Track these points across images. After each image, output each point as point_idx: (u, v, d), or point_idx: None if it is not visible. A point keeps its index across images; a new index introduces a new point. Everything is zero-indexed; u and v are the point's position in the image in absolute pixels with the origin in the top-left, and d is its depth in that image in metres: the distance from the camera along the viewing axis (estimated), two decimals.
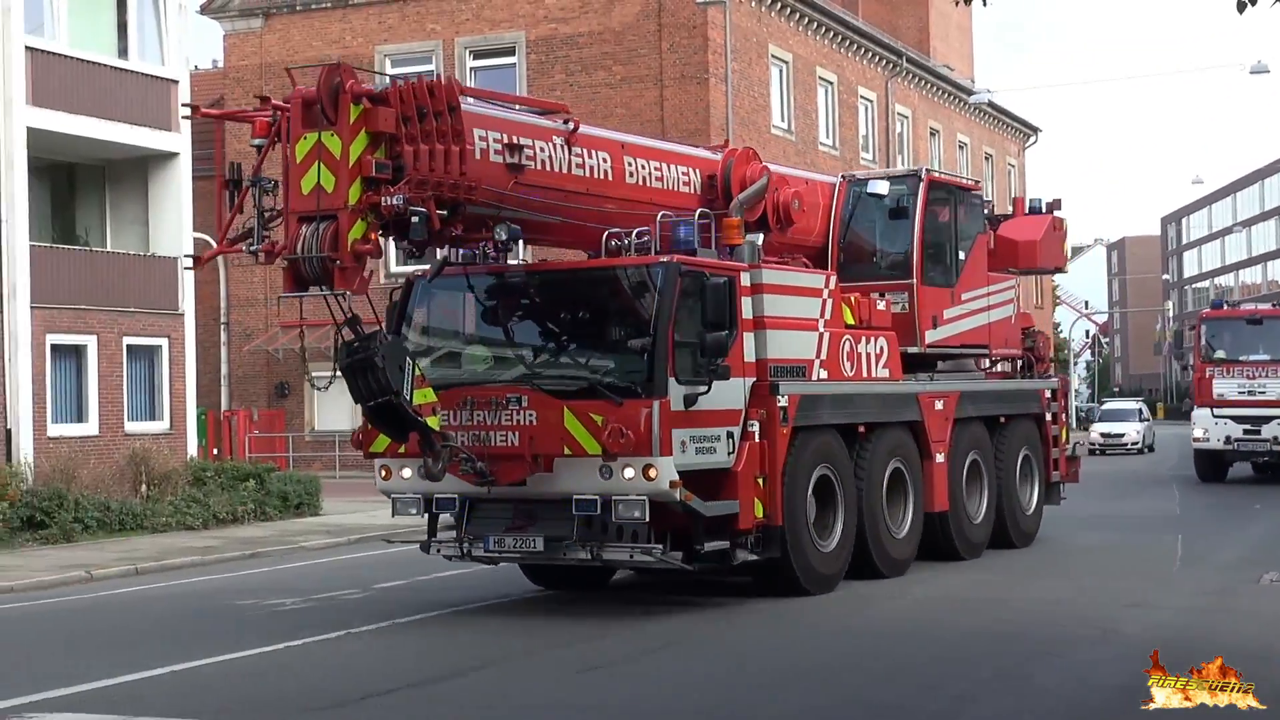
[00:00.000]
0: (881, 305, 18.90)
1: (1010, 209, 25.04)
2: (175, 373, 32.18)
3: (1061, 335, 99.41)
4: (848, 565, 17.38)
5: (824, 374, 17.45)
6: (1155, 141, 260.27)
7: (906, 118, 60.19)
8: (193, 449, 32.83)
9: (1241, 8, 9.67)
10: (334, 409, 43.62)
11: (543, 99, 33.51)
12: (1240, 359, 36.56)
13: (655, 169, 17.07)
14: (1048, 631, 14.41)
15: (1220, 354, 36.85)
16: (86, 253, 31.86)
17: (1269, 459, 36.53)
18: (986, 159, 70.03)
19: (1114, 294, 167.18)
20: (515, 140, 15.06)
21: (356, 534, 25.76)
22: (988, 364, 22.29)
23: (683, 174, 17.49)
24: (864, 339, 18.36)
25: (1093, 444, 54.96)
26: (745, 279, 16.38)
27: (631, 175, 16.68)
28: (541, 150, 15.45)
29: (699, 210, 16.65)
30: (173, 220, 32.47)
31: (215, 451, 41.48)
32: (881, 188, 20.25)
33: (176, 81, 33.13)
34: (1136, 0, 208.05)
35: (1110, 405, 68.54)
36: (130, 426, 30.96)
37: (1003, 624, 15.04)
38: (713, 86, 44.99)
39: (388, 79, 15.30)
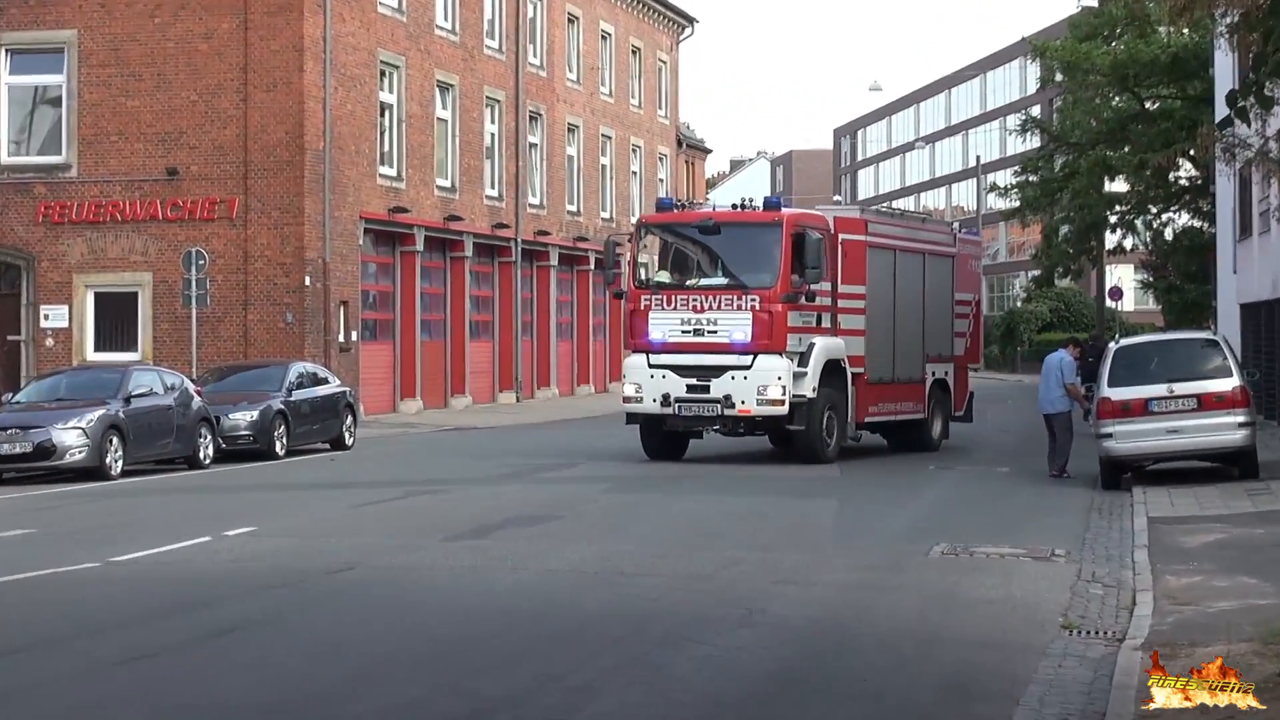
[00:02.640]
0: None
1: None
2: None
3: None
4: None
5: None
6: (829, 43, 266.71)
7: (539, 3, 60.71)
8: None
9: None
10: None
11: None
12: (687, 284, 31.33)
13: None
14: (687, 612, 14.78)
15: (662, 277, 31.76)
16: None
17: (722, 428, 31.49)
18: (634, 53, 71.32)
19: None
20: None
21: None
22: None
23: None
24: None
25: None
26: None
27: None
28: None
29: None
30: None
31: None
32: None
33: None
34: None
35: None
36: None
37: (636, 602, 15.37)
38: None
39: None
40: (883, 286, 33.14)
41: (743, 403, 29.89)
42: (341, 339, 46.45)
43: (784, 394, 29.81)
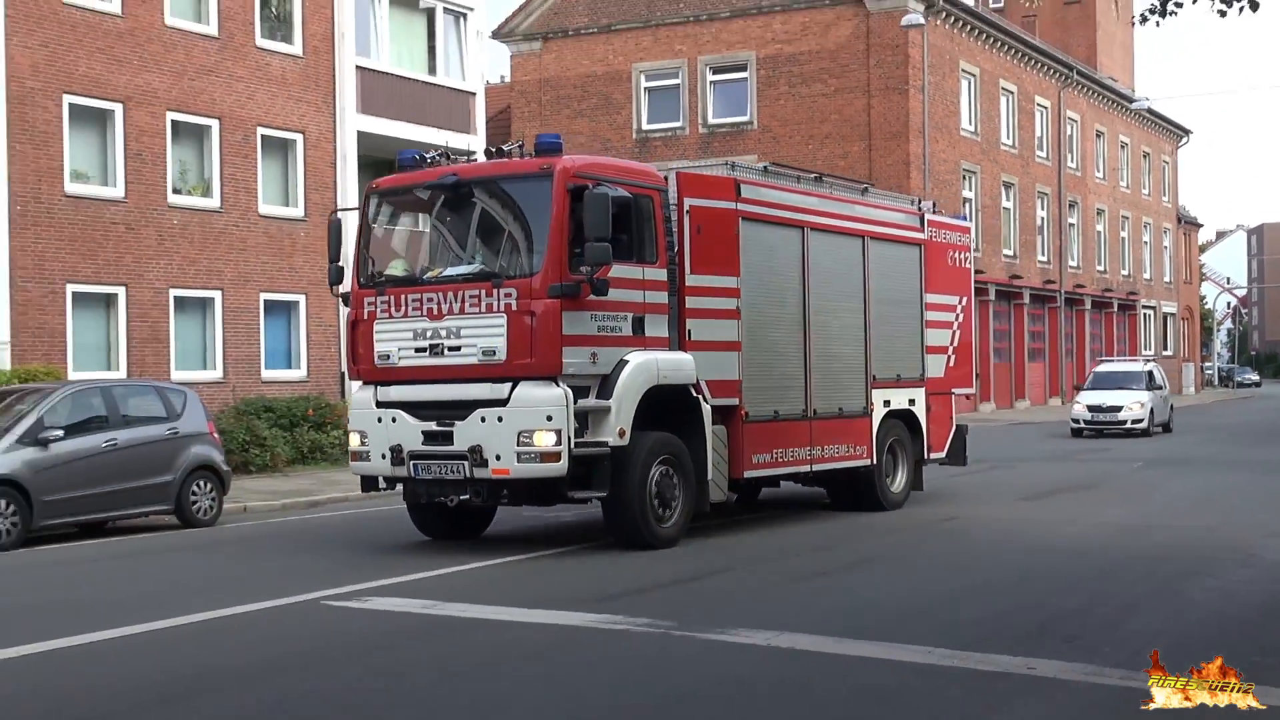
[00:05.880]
0: None
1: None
2: None
3: (1207, 306, 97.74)
4: None
5: None
6: None
7: (1076, 121, 59.27)
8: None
9: None
10: None
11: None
12: (425, 278, 14.91)
13: None
14: (1196, 555, 13.96)
15: (395, 268, 15.40)
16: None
17: (474, 496, 14.48)
18: (1144, 157, 68.58)
19: (1253, 272, 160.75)
20: None
21: None
22: None
23: None
24: None
25: (1075, 420, 37.60)
26: None
27: None
28: None
29: None
30: None
31: None
32: None
33: (474, 94, 34.00)
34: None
35: (1107, 366, 41.19)
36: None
37: (1158, 548, 14.55)
38: (912, 96, 44.95)
39: None
40: (776, 278, 16.77)
41: (498, 458, 13.95)
42: None
43: (559, 442, 13.79)
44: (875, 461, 18.04)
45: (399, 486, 14.96)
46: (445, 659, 9.43)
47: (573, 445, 13.71)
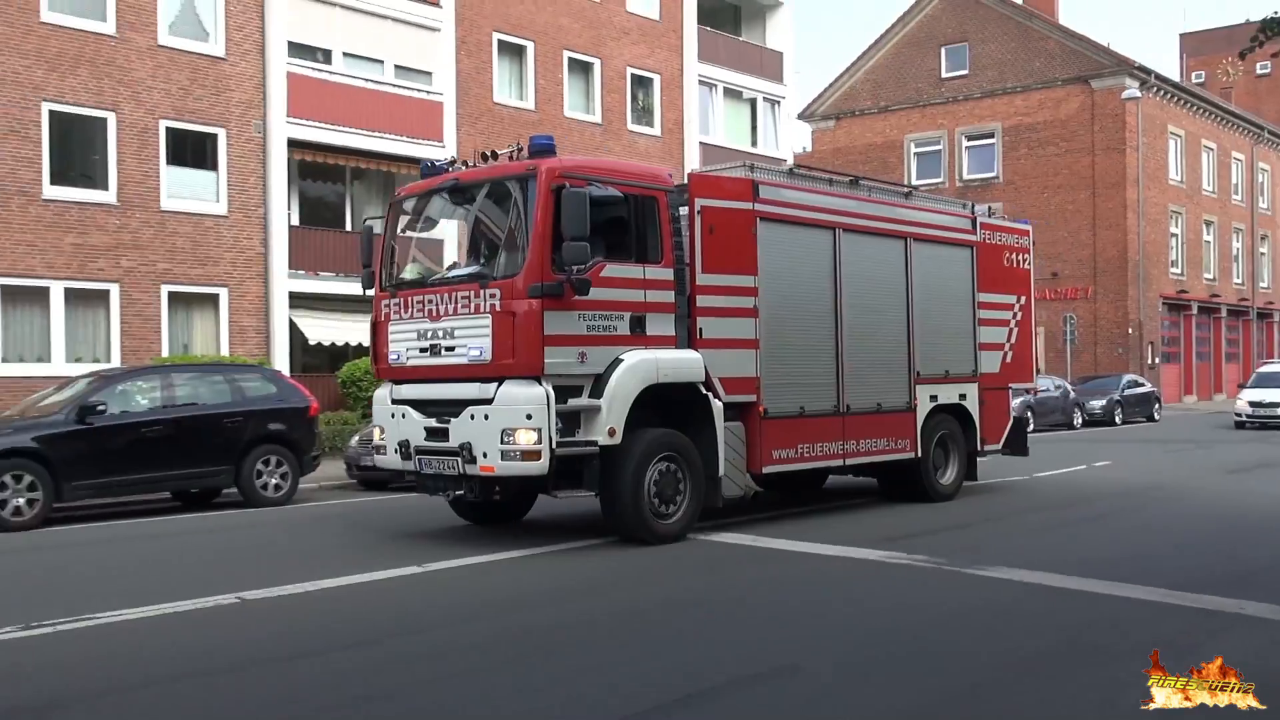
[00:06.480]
0: None
1: None
2: None
3: None
4: None
5: None
6: None
7: (1266, 171, 54.68)
8: None
9: None
10: None
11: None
12: (431, 281, 11.53)
13: None
14: None
15: (409, 271, 11.88)
16: None
17: (469, 493, 11.08)
18: None
19: None
20: None
21: None
22: None
23: None
24: None
25: (1238, 414, 31.30)
26: None
27: None
28: None
29: None
30: None
31: None
32: None
33: (785, 160, 33.86)
34: None
35: (1267, 368, 34.10)
36: None
37: None
38: (1128, 154, 42.42)
39: None
40: (803, 277, 12.71)
41: (485, 455, 10.58)
42: (1149, 362, 43.18)
43: (540, 441, 10.35)
44: (920, 454, 13.93)
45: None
46: (756, 581, 9.23)
47: (555, 444, 10.27)
